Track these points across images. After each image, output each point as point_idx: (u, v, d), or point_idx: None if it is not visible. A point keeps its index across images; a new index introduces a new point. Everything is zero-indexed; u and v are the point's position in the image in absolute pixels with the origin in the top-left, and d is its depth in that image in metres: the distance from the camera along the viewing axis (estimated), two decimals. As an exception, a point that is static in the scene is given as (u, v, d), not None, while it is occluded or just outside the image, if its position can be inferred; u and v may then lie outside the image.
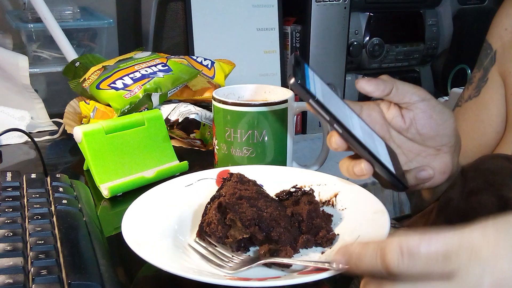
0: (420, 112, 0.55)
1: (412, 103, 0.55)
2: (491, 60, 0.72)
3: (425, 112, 0.55)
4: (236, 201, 0.51)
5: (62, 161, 0.80)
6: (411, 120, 0.56)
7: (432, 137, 0.56)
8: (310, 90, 0.46)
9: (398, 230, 0.56)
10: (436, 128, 0.56)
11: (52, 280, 0.40)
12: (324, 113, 0.47)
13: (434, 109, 0.56)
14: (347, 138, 0.49)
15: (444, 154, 0.57)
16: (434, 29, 1.53)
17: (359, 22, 1.41)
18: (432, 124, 0.56)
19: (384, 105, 0.57)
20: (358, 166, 0.51)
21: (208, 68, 0.92)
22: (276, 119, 0.65)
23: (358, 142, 0.49)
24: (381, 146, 0.54)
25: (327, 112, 0.47)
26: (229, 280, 0.43)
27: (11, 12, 1.15)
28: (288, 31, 1.28)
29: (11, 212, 0.51)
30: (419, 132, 0.56)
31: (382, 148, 0.53)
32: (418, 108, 0.55)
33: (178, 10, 1.15)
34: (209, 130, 0.80)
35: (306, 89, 0.46)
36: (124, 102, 0.76)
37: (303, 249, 0.51)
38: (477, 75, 0.74)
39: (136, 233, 0.48)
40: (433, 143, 0.57)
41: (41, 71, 1.04)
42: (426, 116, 0.55)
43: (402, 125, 0.56)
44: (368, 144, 0.50)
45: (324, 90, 0.50)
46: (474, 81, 0.74)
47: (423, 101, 0.55)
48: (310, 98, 0.46)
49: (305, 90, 0.46)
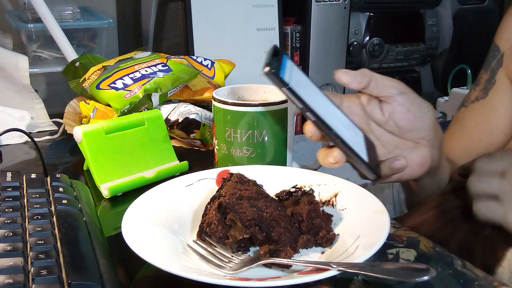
0: (398, 105, 0.56)
1: (390, 96, 0.56)
2: (498, 62, 0.72)
3: (403, 105, 0.56)
4: (236, 201, 0.51)
5: (62, 161, 0.80)
6: (390, 113, 0.57)
7: (410, 129, 0.57)
8: (283, 78, 0.48)
9: (399, 229, 0.56)
10: (414, 121, 0.57)
11: (52, 280, 0.40)
12: (297, 101, 0.50)
13: (412, 102, 0.57)
14: (320, 126, 0.51)
15: (423, 147, 0.58)
16: (434, 29, 1.53)
17: (359, 22, 1.41)
18: (410, 117, 0.57)
19: (364, 98, 0.58)
20: (331, 154, 0.53)
21: (208, 68, 0.92)
22: (276, 119, 0.65)
23: (330, 130, 0.51)
24: (358, 137, 0.55)
25: (299, 100, 0.49)
26: (229, 280, 0.43)
27: (11, 12, 1.15)
28: (288, 31, 1.28)
29: (11, 212, 0.51)
30: (397, 124, 0.57)
31: (358, 138, 0.55)
32: (396, 101, 0.56)
33: (178, 10, 1.16)
34: (209, 130, 0.80)
35: (278, 77, 0.48)
36: (124, 102, 0.76)
37: (303, 249, 0.51)
38: (484, 76, 0.74)
39: (136, 233, 0.48)
40: (411, 135, 0.58)
41: (41, 71, 1.04)
42: (403, 109, 0.56)
43: (381, 118, 0.58)
44: (341, 133, 0.52)
45: (302, 81, 0.52)
46: (481, 83, 0.74)
47: (401, 94, 0.56)
48: (282, 86, 0.49)
49: (277, 78, 0.48)
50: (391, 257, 0.51)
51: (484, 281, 0.47)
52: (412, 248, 0.53)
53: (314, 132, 0.53)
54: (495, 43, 0.74)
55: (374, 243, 0.45)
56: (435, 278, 0.45)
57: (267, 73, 0.48)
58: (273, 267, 0.47)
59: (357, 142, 0.54)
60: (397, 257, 0.51)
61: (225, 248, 0.50)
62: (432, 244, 0.53)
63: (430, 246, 0.53)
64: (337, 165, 0.54)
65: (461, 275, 0.48)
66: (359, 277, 0.47)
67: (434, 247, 0.53)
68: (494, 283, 0.46)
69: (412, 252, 0.52)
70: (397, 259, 0.51)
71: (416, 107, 0.57)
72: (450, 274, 0.48)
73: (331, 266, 0.43)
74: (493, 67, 0.73)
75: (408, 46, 1.49)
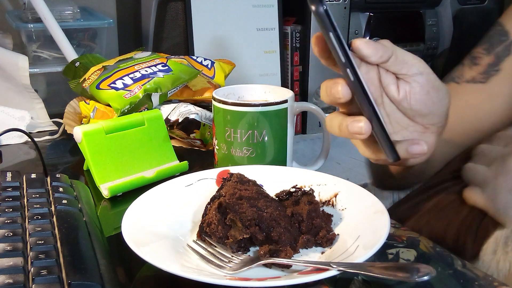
0: (417, 86, 0.51)
1: (410, 75, 0.51)
2: (506, 49, 0.66)
3: (422, 87, 0.51)
4: (236, 201, 0.51)
5: (62, 161, 0.80)
6: (406, 92, 0.51)
7: (425, 114, 0.52)
8: (333, 21, 0.40)
9: (399, 229, 0.56)
10: (430, 106, 0.52)
11: (52, 280, 0.40)
12: (341, 51, 0.42)
13: (432, 85, 0.51)
14: (355, 88, 0.44)
15: (431, 134, 0.54)
16: (434, 29, 1.53)
17: (359, 22, 1.41)
18: (428, 101, 0.52)
19: (381, 69, 0.52)
20: (355, 124, 0.46)
21: (208, 68, 0.92)
22: (276, 119, 0.65)
23: (365, 94, 0.44)
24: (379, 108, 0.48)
25: (343, 52, 0.42)
26: (229, 280, 0.43)
27: (11, 12, 1.15)
28: (288, 31, 1.28)
29: (11, 212, 0.51)
30: (412, 107, 0.52)
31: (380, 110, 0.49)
32: (415, 82, 0.51)
33: (178, 10, 1.15)
34: (209, 130, 0.80)
35: (330, 19, 0.40)
36: (124, 102, 0.76)
37: (303, 249, 0.51)
38: (486, 58, 0.68)
39: (136, 233, 0.48)
40: (423, 120, 0.53)
41: (41, 71, 1.04)
42: (423, 92, 0.51)
43: (395, 96, 0.52)
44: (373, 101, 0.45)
45: None
46: (481, 64, 0.68)
47: (422, 74, 0.51)
48: (331, 30, 0.41)
49: (329, 20, 0.40)
50: (391, 257, 0.51)
51: (484, 281, 0.47)
52: (412, 248, 0.53)
53: (345, 94, 0.46)
54: (504, 27, 0.67)
55: (374, 243, 0.45)
56: (435, 278, 0.45)
57: (318, 12, 0.40)
58: (273, 267, 0.47)
59: (380, 114, 0.46)
60: (397, 257, 0.51)
61: (225, 248, 0.50)
62: (432, 244, 0.53)
63: (430, 246, 0.53)
64: (359, 137, 0.47)
65: (461, 275, 0.48)
66: (359, 277, 0.47)
67: (434, 247, 0.53)
68: (494, 283, 0.46)
69: (412, 252, 0.52)
70: (397, 259, 0.51)
71: (436, 91, 0.51)
72: (450, 274, 0.48)
73: (331, 266, 0.43)
74: (499, 53, 0.67)
75: (408, 46, 1.49)
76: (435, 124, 0.54)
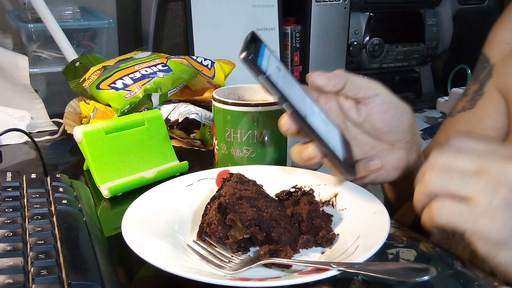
0: (375, 106, 0.55)
1: (367, 97, 0.55)
2: (488, 74, 0.71)
3: (380, 107, 0.55)
4: (236, 201, 0.51)
5: (62, 161, 0.80)
6: (366, 114, 0.55)
7: (387, 132, 0.56)
8: (260, 66, 0.46)
9: (399, 229, 0.56)
10: (391, 123, 0.55)
11: (52, 280, 0.40)
12: (273, 90, 0.47)
13: (389, 104, 0.55)
14: (296, 119, 0.49)
15: (399, 150, 0.57)
16: (434, 29, 1.53)
17: (359, 22, 1.41)
18: (387, 119, 0.55)
19: (340, 97, 0.56)
20: (305, 150, 0.51)
21: (208, 68, 0.92)
22: (276, 119, 0.64)
23: (306, 123, 0.49)
24: (334, 134, 0.53)
25: (276, 90, 0.47)
26: (229, 280, 0.43)
27: (11, 12, 1.15)
28: (288, 31, 1.28)
29: (11, 212, 0.51)
30: (374, 126, 0.56)
31: (334, 135, 0.53)
32: (373, 103, 0.55)
33: (178, 10, 1.16)
34: (209, 130, 0.80)
35: (256, 65, 0.45)
36: (124, 102, 0.76)
37: (303, 249, 0.51)
38: (472, 87, 0.73)
39: (136, 233, 0.48)
40: (387, 138, 0.56)
41: (41, 71, 1.04)
42: (380, 111, 0.55)
43: (357, 119, 0.56)
44: (317, 127, 0.49)
45: (280, 71, 0.50)
46: (469, 94, 0.73)
47: (378, 95, 0.55)
48: (259, 74, 0.46)
49: (255, 66, 0.45)
50: (391, 257, 0.51)
51: (484, 281, 0.47)
52: (412, 248, 0.53)
53: (290, 125, 0.51)
54: (485, 55, 0.72)
55: (374, 243, 0.45)
56: (435, 278, 0.45)
57: (244, 60, 0.45)
58: (273, 267, 0.47)
59: (333, 139, 0.52)
60: (397, 257, 0.51)
61: (225, 248, 0.50)
62: (432, 244, 0.53)
63: (430, 246, 0.53)
64: (311, 162, 0.52)
65: (461, 275, 0.48)
66: (359, 277, 0.47)
67: (434, 247, 0.53)
68: (494, 283, 0.46)
69: (412, 252, 0.52)
70: (397, 259, 0.51)
71: (394, 108, 0.55)
72: (450, 274, 0.48)
73: (331, 266, 0.43)
74: (482, 78, 0.71)
75: (408, 46, 1.49)
76: (401, 140, 0.57)
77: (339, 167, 0.52)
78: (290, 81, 0.51)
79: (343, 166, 0.52)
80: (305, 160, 0.52)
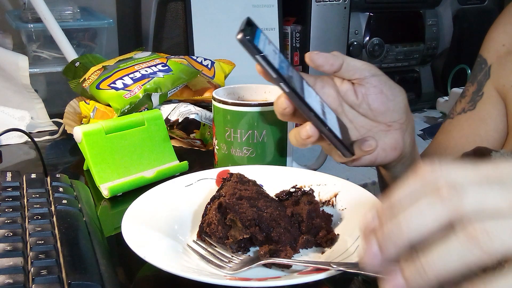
0: (371, 87, 0.57)
1: (363, 78, 0.56)
2: (485, 74, 0.71)
3: (375, 87, 0.57)
4: (236, 201, 0.51)
5: (62, 161, 0.80)
6: (363, 95, 0.57)
7: (383, 112, 0.57)
8: (257, 46, 0.46)
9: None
10: (386, 103, 0.57)
11: (52, 280, 0.40)
12: (270, 70, 0.47)
13: (384, 84, 0.57)
14: (293, 98, 0.49)
15: (395, 131, 0.58)
16: (434, 29, 1.53)
17: (359, 22, 1.41)
18: (383, 99, 0.57)
19: (337, 80, 0.58)
20: (303, 130, 0.52)
21: (208, 68, 0.92)
22: (276, 119, 0.64)
23: (303, 102, 0.49)
24: (331, 115, 0.54)
25: (273, 69, 0.47)
26: (229, 280, 0.43)
27: (11, 12, 1.15)
28: (288, 31, 1.28)
29: (11, 212, 0.51)
30: (370, 107, 0.57)
31: (332, 117, 0.54)
32: (369, 83, 0.56)
33: (178, 10, 1.15)
34: (209, 130, 0.80)
35: (253, 44, 0.46)
36: (124, 102, 0.76)
37: (303, 249, 0.51)
38: (470, 89, 0.74)
39: (136, 233, 0.48)
40: (383, 118, 0.58)
41: (41, 71, 1.04)
42: (376, 91, 0.57)
43: (355, 100, 0.57)
44: (314, 107, 0.50)
45: (276, 54, 0.50)
46: (467, 95, 0.74)
47: (374, 76, 0.57)
48: (256, 53, 0.46)
49: (252, 45, 0.46)
50: (391, 257, 0.51)
51: (484, 281, 0.47)
52: (412, 248, 0.53)
53: (287, 105, 0.51)
54: (482, 56, 0.73)
55: (374, 243, 0.45)
56: (435, 278, 0.45)
57: (241, 40, 0.46)
58: (273, 267, 0.47)
59: (330, 119, 0.52)
60: (397, 257, 0.51)
61: (225, 248, 0.50)
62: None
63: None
64: (309, 141, 0.52)
65: (461, 275, 0.48)
66: (359, 277, 0.47)
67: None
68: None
69: (412, 252, 0.52)
70: (397, 259, 0.51)
71: (389, 89, 0.57)
72: (450, 274, 0.48)
73: (331, 266, 0.43)
74: (480, 79, 0.72)
75: (408, 46, 1.49)
76: (396, 121, 0.58)
77: (337, 145, 0.52)
78: (286, 64, 0.51)
79: (341, 144, 0.52)
80: (303, 139, 0.52)
